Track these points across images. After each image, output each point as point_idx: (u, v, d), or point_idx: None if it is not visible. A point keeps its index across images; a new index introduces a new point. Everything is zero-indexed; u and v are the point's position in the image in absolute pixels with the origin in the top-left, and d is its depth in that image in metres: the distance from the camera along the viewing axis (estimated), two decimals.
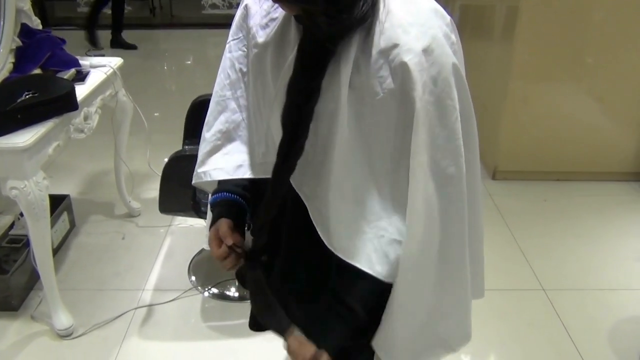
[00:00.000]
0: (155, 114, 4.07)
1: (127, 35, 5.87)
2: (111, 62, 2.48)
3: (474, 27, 3.71)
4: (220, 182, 1.12)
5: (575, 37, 2.90)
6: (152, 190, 2.84)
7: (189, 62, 5.57)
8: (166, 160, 2.06)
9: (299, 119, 0.89)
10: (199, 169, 1.09)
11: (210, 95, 1.14)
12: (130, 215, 2.83)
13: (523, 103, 3.03)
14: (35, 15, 2.42)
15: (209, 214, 1.14)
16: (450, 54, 0.85)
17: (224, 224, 1.04)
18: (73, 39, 4.36)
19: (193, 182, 1.13)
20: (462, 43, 0.89)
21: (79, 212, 2.79)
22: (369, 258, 0.94)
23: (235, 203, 1.09)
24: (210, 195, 1.13)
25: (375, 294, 0.96)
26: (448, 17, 0.90)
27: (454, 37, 0.89)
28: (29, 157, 1.82)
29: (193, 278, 2.40)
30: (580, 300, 2.32)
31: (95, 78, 2.31)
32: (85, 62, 2.41)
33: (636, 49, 2.92)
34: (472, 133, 0.93)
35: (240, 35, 1.06)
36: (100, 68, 2.40)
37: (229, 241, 1.01)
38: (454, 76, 0.86)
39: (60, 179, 3.05)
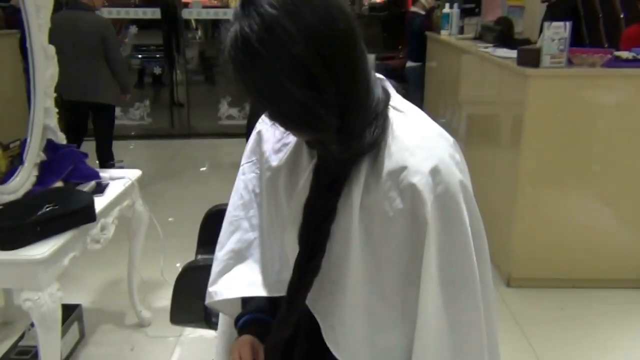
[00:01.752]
0: (170, 219, 4.13)
1: (147, 145, 6.10)
2: (130, 174, 2.57)
3: (481, 135, 3.82)
4: (247, 303, 1.13)
5: (581, 144, 2.98)
6: (164, 299, 2.82)
7: (204, 169, 5.72)
8: (179, 266, 2.08)
9: (316, 238, 0.92)
10: (211, 288, 1.11)
11: (225, 205, 1.18)
12: (141, 324, 2.80)
13: (533, 209, 3.06)
14: (62, 130, 2.55)
15: (220, 328, 1.14)
16: (456, 172, 0.90)
17: (246, 340, 1.05)
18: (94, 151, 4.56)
19: (206, 302, 1.15)
20: (470, 151, 0.93)
21: (90, 321, 2.77)
22: None
23: (263, 322, 1.10)
24: (236, 318, 1.13)
25: None
26: (451, 139, 0.96)
27: (459, 156, 0.94)
28: (45, 269, 1.86)
29: None
30: None
31: (113, 190, 2.39)
32: (105, 174, 2.51)
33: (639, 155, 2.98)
34: (482, 248, 0.95)
35: (254, 158, 1.12)
36: (119, 180, 2.49)
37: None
38: (461, 192, 0.90)
39: (71, 287, 3.05)
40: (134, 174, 2.61)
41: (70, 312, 2.59)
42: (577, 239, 3.08)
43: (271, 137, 1.06)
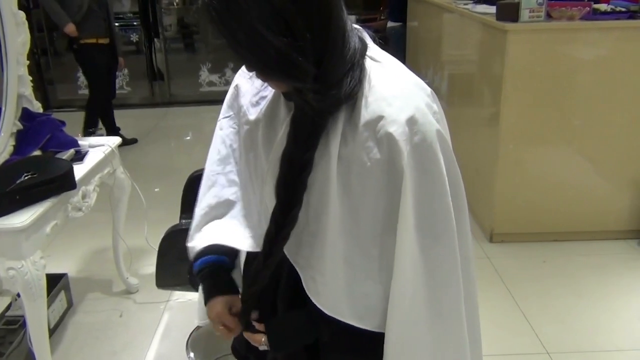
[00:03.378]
0: (155, 190, 4.11)
1: (128, 114, 6.03)
2: (109, 141, 2.55)
3: (463, 93, 3.82)
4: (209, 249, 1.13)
5: (561, 99, 2.99)
6: (151, 266, 2.82)
7: (188, 138, 5.68)
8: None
9: (293, 189, 0.92)
10: (189, 244, 1.12)
11: None
12: (129, 291, 2.82)
13: (515, 165, 3.09)
14: (37, 99, 2.51)
15: (200, 294, 1.15)
16: (433, 122, 0.90)
17: (218, 305, 1.06)
18: (75, 120, 4.49)
19: (190, 258, 1.15)
20: (453, 110, 0.93)
21: (77, 290, 2.78)
22: (359, 315, 0.96)
23: (220, 266, 1.10)
24: (191, 260, 1.14)
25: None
26: (429, 89, 0.95)
27: (436, 106, 0.94)
28: (27, 237, 1.85)
29: (192, 354, 2.36)
30: None
31: (93, 157, 2.37)
32: (84, 142, 2.48)
33: (622, 109, 3.00)
34: (460, 196, 0.96)
35: (231, 113, 1.11)
36: (98, 147, 2.46)
37: (229, 322, 1.05)
38: (438, 142, 0.90)
39: (58, 257, 3.05)
40: (114, 140, 2.59)
41: (56, 281, 2.59)
42: (558, 193, 3.12)
43: (249, 90, 1.05)
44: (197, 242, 1.12)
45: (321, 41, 0.82)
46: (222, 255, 1.11)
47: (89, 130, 4.41)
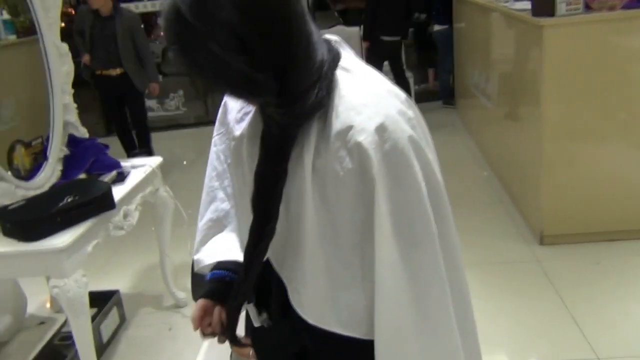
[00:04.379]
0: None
1: (184, 134, 6.24)
2: (151, 162, 2.65)
3: (508, 92, 3.72)
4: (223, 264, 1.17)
5: (607, 93, 2.86)
6: None
7: None
8: None
9: (267, 202, 0.94)
10: (195, 257, 1.16)
11: None
12: (177, 305, 2.91)
13: (561, 163, 2.97)
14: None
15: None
16: (405, 128, 0.89)
17: (198, 305, 1.09)
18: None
19: (195, 270, 1.19)
20: (499, 109, 0.90)
21: (129, 305, 2.90)
22: (345, 324, 0.96)
23: (225, 279, 1.13)
24: (199, 271, 1.18)
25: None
26: (403, 95, 0.95)
27: (411, 112, 0.93)
28: (68, 257, 1.95)
29: None
30: None
31: (134, 178, 2.48)
32: (126, 163, 2.59)
33: None
34: (440, 202, 0.94)
35: (223, 130, 1.15)
36: (140, 168, 2.57)
37: (197, 325, 1.08)
38: (412, 148, 0.89)
39: (111, 274, 3.20)
40: (155, 161, 2.69)
41: (109, 297, 2.72)
42: (609, 190, 2.97)
43: (234, 107, 1.08)
44: (203, 256, 1.16)
45: (280, 57, 0.84)
46: (230, 271, 1.14)
47: (134, 152, 4.58)
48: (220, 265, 1.15)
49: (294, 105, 0.88)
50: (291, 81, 0.86)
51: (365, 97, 0.90)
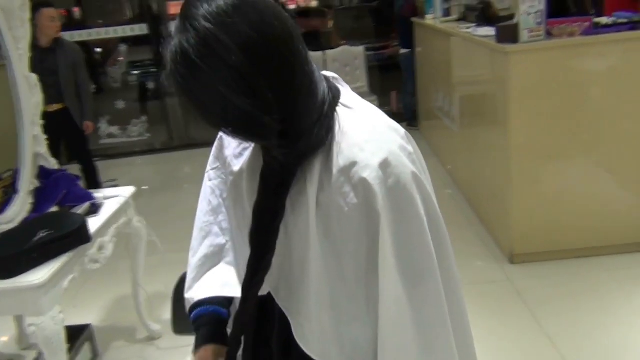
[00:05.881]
0: (177, 233, 4.17)
1: (150, 160, 6.17)
2: (124, 192, 2.61)
3: (473, 115, 3.82)
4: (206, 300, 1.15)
5: (569, 114, 2.97)
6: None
7: None
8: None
9: (265, 237, 0.95)
10: (187, 295, 1.14)
11: None
12: (152, 338, 2.85)
13: (529, 184, 3.06)
14: (52, 155, 2.60)
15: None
16: (407, 164, 0.91)
17: (208, 351, 1.08)
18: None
19: (187, 309, 1.17)
20: (463, 132, 0.94)
21: (102, 340, 2.82)
22: (348, 358, 0.97)
23: (218, 317, 1.12)
24: (188, 309, 1.15)
25: None
26: (402, 130, 0.97)
27: (411, 148, 0.95)
28: (45, 293, 1.90)
29: None
30: None
31: (108, 209, 2.43)
32: (99, 194, 2.55)
33: (632, 118, 2.97)
34: (441, 235, 0.96)
35: (218, 164, 1.15)
36: (113, 198, 2.53)
37: None
38: (414, 183, 0.91)
39: (82, 308, 3.11)
40: (128, 191, 2.65)
41: (81, 332, 2.64)
42: (576, 208, 3.07)
43: (232, 142, 1.09)
44: (195, 293, 1.14)
45: (285, 99, 0.85)
46: (219, 306, 1.13)
47: (106, 182, 4.44)
48: (208, 300, 1.14)
49: (295, 145, 0.89)
50: (294, 122, 0.88)
51: (367, 133, 0.92)
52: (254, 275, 0.96)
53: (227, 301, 1.14)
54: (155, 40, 6.40)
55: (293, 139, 0.88)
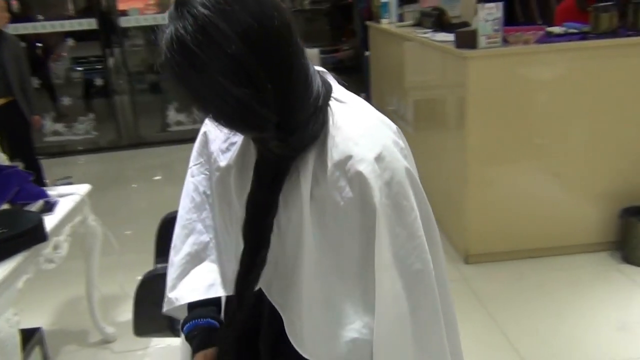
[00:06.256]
0: (127, 233, 4.06)
1: (96, 158, 5.98)
2: (79, 190, 2.52)
3: (428, 119, 3.89)
4: (190, 308, 1.13)
5: (523, 120, 3.07)
6: (127, 313, 2.77)
7: (158, 179, 5.64)
8: (139, 279, 2.05)
9: (259, 231, 0.93)
10: (171, 294, 1.11)
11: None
12: (106, 341, 2.75)
13: (484, 186, 3.15)
14: (3, 150, 2.48)
15: (182, 341, 1.14)
16: (400, 159, 0.92)
17: (207, 356, 1.05)
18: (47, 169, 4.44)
19: (165, 309, 1.14)
20: (419, 135, 0.96)
21: (53, 344, 2.70)
22: (345, 359, 0.95)
23: (210, 328, 1.10)
24: (181, 323, 1.13)
25: None
26: (394, 125, 0.98)
27: (402, 142, 0.96)
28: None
29: None
30: None
31: (63, 207, 2.34)
32: (53, 192, 2.45)
33: (581, 125, 3.09)
34: (432, 230, 0.98)
35: (202, 160, 1.12)
36: (68, 196, 2.44)
37: None
38: (407, 178, 0.92)
39: (31, 311, 2.97)
40: (83, 189, 2.56)
41: (30, 336, 2.52)
42: (527, 211, 3.18)
43: (218, 136, 1.06)
44: (179, 293, 1.11)
45: (283, 90, 0.84)
46: (211, 318, 1.11)
47: (60, 179, 4.28)
48: (195, 314, 1.12)
49: (291, 138, 0.88)
50: (291, 115, 0.87)
51: (361, 128, 0.92)
52: (248, 272, 0.94)
53: (219, 308, 1.12)
54: (104, 35, 6.22)
55: (288, 132, 0.87)
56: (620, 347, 2.47)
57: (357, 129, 0.92)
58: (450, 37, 3.28)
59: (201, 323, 1.10)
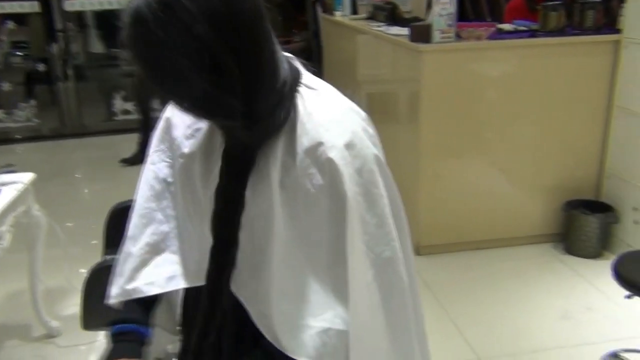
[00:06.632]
0: (70, 224, 3.93)
1: (38, 147, 5.74)
2: (22, 178, 2.41)
3: (382, 112, 3.92)
4: (124, 308, 1.08)
5: (474, 114, 3.14)
6: (72, 307, 2.69)
7: (104, 169, 5.47)
8: (84, 272, 1.98)
9: (230, 226, 0.90)
10: (128, 286, 1.06)
11: (130, 201, 1.13)
12: (50, 335, 2.65)
13: (436, 179, 3.20)
14: None
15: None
16: (370, 146, 0.92)
17: None
18: None
19: (116, 300, 1.09)
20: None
21: None
22: (319, 353, 0.94)
23: (137, 334, 1.06)
24: (111, 320, 1.09)
25: None
26: (363, 113, 0.97)
27: (371, 129, 0.96)
28: None
29: None
30: None
31: (5, 196, 2.23)
32: None
33: (528, 121, 3.19)
34: (401, 217, 0.98)
35: (163, 146, 1.07)
36: (11, 185, 2.33)
37: None
38: (377, 166, 0.91)
39: None
40: (27, 177, 2.45)
41: None
42: (476, 203, 3.26)
43: (181, 122, 1.02)
44: (138, 284, 1.06)
45: (249, 77, 0.81)
46: (140, 325, 1.07)
47: (2, 167, 4.09)
48: (128, 317, 1.08)
49: (259, 125, 0.86)
50: (258, 102, 0.85)
51: (331, 114, 0.91)
52: (220, 269, 0.91)
53: (148, 316, 1.08)
54: (47, 19, 5.96)
55: (255, 119, 0.85)
56: (562, 334, 2.57)
57: (328, 116, 0.91)
58: (404, 31, 3.31)
59: (131, 328, 1.06)
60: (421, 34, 3.00)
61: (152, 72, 0.81)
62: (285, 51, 0.96)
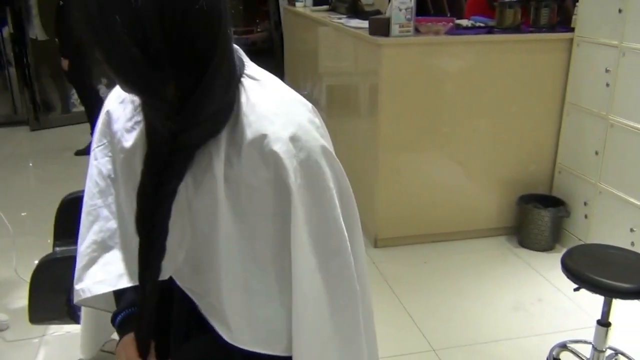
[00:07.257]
0: (22, 214, 3.81)
1: None
2: None
3: (341, 104, 3.93)
4: (120, 298, 1.07)
5: (431, 109, 3.17)
6: (21, 300, 2.61)
7: (57, 160, 5.33)
8: (35, 263, 1.92)
9: (151, 223, 0.87)
10: (77, 286, 1.03)
11: (80, 192, 1.10)
12: None
13: (393, 173, 3.23)
14: None
15: (83, 325, 1.08)
16: (317, 137, 0.90)
17: (131, 344, 1.00)
18: None
19: (75, 301, 1.06)
20: (331, 121, 0.96)
21: None
22: (265, 341, 0.94)
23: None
24: (112, 316, 1.07)
25: None
26: (310, 104, 0.96)
27: (318, 121, 0.95)
28: None
29: None
30: (469, 356, 2.42)
31: None
32: None
33: (484, 115, 3.24)
34: (351, 209, 0.97)
35: (105, 141, 1.03)
36: None
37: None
38: (324, 157, 0.90)
39: None
40: None
41: None
42: (433, 197, 3.30)
43: (121, 115, 0.99)
44: (87, 284, 1.03)
45: (190, 65, 0.79)
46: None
47: None
48: (126, 304, 1.07)
49: (193, 119, 0.83)
50: (197, 96, 0.80)
51: (276, 106, 0.90)
52: (147, 266, 0.89)
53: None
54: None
55: (190, 111, 0.82)
56: (514, 325, 2.64)
57: (272, 107, 0.89)
58: (364, 23, 3.31)
59: (132, 313, 1.05)
60: (380, 27, 3.01)
61: (89, 27, 0.77)
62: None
